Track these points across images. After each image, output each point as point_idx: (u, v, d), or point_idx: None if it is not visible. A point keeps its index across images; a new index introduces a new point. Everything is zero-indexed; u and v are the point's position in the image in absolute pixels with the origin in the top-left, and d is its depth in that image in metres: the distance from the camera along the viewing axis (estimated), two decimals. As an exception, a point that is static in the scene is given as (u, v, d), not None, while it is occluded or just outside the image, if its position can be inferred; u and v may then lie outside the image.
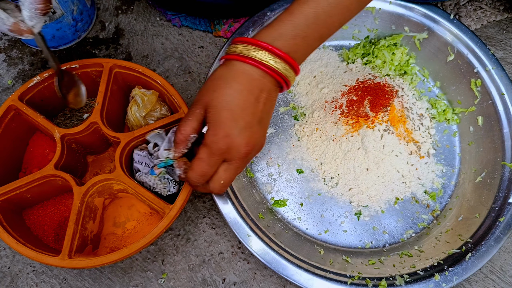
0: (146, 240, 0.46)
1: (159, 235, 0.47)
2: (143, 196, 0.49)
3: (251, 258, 0.55)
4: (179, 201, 0.48)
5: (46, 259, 0.45)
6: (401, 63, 0.61)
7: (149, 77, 0.53)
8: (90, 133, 0.53)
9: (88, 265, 0.45)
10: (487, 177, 0.55)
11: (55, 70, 0.50)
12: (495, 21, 0.69)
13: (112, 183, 0.51)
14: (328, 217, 0.56)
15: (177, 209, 0.47)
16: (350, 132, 0.56)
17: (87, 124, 0.51)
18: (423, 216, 0.57)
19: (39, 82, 0.52)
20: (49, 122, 0.52)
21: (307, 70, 0.62)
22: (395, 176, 0.57)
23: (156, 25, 0.67)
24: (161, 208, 0.48)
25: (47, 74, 0.52)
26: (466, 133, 0.59)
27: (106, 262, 0.45)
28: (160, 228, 0.47)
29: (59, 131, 0.51)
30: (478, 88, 0.57)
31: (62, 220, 0.53)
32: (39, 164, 0.56)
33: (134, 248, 0.46)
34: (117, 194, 0.54)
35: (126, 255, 0.46)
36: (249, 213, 0.51)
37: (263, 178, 0.58)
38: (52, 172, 0.49)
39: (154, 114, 0.54)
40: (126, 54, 0.65)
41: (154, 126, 0.51)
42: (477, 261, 0.49)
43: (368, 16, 0.60)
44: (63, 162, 0.51)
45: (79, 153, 0.56)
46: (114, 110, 0.56)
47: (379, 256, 0.53)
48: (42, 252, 0.46)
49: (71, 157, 0.53)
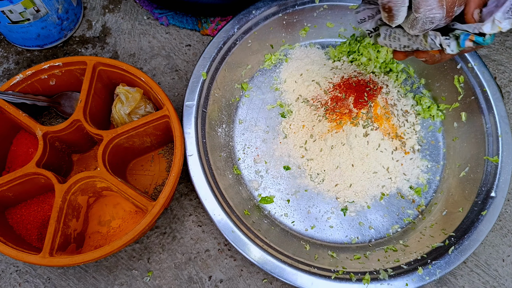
0: (128, 237, 0.46)
1: (142, 232, 0.47)
2: (125, 193, 0.49)
3: (237, 255, 0.55)
4: (162, 198, 0.48)
5: (27, 258, 0.45)
6: (386, 60, 0.62)
7: (133, 74, 0.53)
8: (73, 131, 0.52)
9: (69, 263, 0.45)
10: (471, 171, 0.55)
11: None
12: (478, 20, 0.70)
13: (95, 181, 0.50)
14: (314, 213, 0.57)
15: (160, 205, 0.47)
16: (334, 129, 0.57)
17: (70, 122, 0.51)
18: (409, 211, 0.57)
19: (22, 80, 0.52)
20: (31, 120, 0.51)
21: (294, 68, 0.63)
22: (380, 171, 0.57)
23: (143, 24, 0.67)
24: (143, 205, 0.48)
25: (30, 72, 0.52)
26: (451, 128, 0.60)
27: (88, 260, 0.45)
28: (143, 225, 0.46)
29: (41, 128, 0.51)
30: (461, 84, 0.58)
31: (45, 219, 0.53)
32: (23, 163, 0.55)
33: (116, 245, 0.45)
34: (102, 193, 0.54)
35: (108, 252, 0.45)
36: (235, 210, 0.51)
37: (250, 175, 0.58)
38: (33, 170, 0.49)
39: (139, 111, 0.54)
40: (113, 53, 0.65)
41: (138, 123, 0.51)
42: (460, 255, 0.49)
43: (353, 14, 0.61)
44: (46, 160, 0.51)
45: (63, 151, 0.55)
46: (99, 108, 0.55)
47: (365, 251, 0.53)
48: (23, 250, 0.46)
49: (54, 155, 0.53)
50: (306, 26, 0.62)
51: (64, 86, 0.56)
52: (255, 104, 0.62)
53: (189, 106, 0.54)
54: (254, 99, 0.62)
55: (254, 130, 0.60)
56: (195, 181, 0.51)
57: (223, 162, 0.57)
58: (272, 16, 0.59)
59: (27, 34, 0.60)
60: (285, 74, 0.63)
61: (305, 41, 0.64)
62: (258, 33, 0.59)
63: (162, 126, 0.53)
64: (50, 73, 0.53)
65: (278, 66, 0.64)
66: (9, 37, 0.63)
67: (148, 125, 0.52)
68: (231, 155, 0.59)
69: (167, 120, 0.52)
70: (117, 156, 0.53)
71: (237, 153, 0.59)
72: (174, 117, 0.51)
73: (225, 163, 0.57)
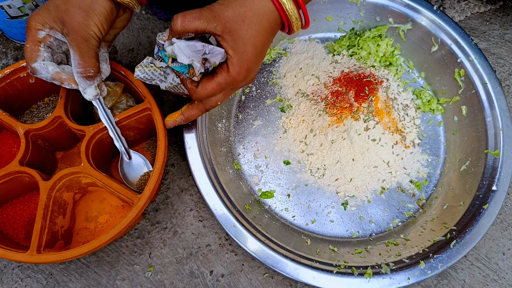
0: (115, 230, 0.45)
1: (129, 226, 0.46)
2: (110, 187, 0.49)
3: (238, 250, 0.55)
4: (147, 190, 0.47)
5: (14, 256, 0.44)
6: (386, 54, 0.62)
7: (113, 68, 0.53)
8: (55, 128, 0.52)
9: (57, 259, 0.44)
10: (471, 165, 0.55)
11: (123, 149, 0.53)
12: (478, 13, 0.69)
13: (79, 177, 0.50)
14: (315, 207, 0.57)
15: (145, 198, 0.47)
16: (335, 123, 0.56)
17: (51, 119, 0.51)
18: (409, 205, 0.57)
19: (1, 79, 0.51)
20: (12, 118, 0.51)
21: (293, 62, 0.62)
22: (381, 166, 0.57)
23: (141, 19, 0.66)
24: (129, 198, 0.48)
25: (8, 70, 0.51)
26: (451, 122, 0.60)
27: (76, 255, 0.44)
28: (129, 218, 0.46)
29: (22, 127, 0.50)
30: (461, 78, 0.58)
31: (32, 218, 0.53)
32: (7, 163, 0.54)
33: (104, 239, 0.45)
34: (87, 188, 0.54)
35: (96, 247, 0.45)
36: (236, 205, 0.51)
37: (251, 170, 0.58)
38: (17, 169, 0.48)
39: (120, 106, 0.54)
40: (112, 48, 0.65)
41: (120, 117, 0.51)
42: (462, 248, 0.49)
43: (353, 8, 0.61)
44: (29, 159, 0.50)
45: (46, 149, 0.55)
46: (80, 104, 0.55)
47: (366, 245, 0.53)
48: (10, 249, 0.45)
49: (37, 153, 0.52)
50: (306, 20, 0.62)
51: (43, 84, 0.54)
52: (254, 99, 0.62)
53: (189, 101, 0.54)
54: (253, 93, 0.62)
55: (253, 125, 0.60)
56: (196, 176, 0.51)
57: (223, 157, 0.56)
58: (272, 10, 0.58)
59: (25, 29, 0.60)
60: (285, 69, 0.62)
61: (305, 35, 0.64)
62: (257, 27, 0.59)
63: (144, 119, 0.53)
64: None
65: (278, 61, 0.63)
66: (7, 33, 0.63)
67: (130, 119, 0.52)
68: (231, 150, 0.59)
69: (149, 113, 0.52)
70: (100, 151, 0.53)
71: (237, 148, 0.59)
72: (156, 110, 0.51)
73: (225, 158, 0.57)
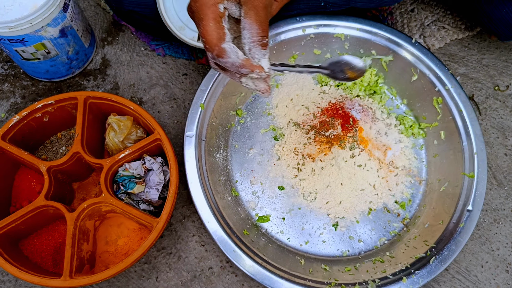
0: (139, 252, 0.51)
1: (150, 247, 0.52)
2: (130, 214, 0.54)
3: (238, 271, 0.60)
4: (164, 213, 0.53)
5: (50, 282, 0.50)
6: (370, 83, 0.66)
7: (122, 104, 0.58)
8: (73, 162, 0.57)
9: (89, 282, 0.50)
10: (450, 186, 0.60)
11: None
12: (457, 39, 0.74)
13: (100, 206, 0.55)
14: (308, 229, 0.61)
15: (163, 221, 0.52)
16: (323, 151, 0.61)
17: (70, 155, 0.55)
18: (395, 224, 0.62)
19: (19, 121, 0.56)
20: (34, 157, 0.56)
21: (285, 93, 0.67)
22: (367, 189, 0.62)
23: (141, 55, 0.71)
24: (148, 222, 0.53)
25: (25, 112, 0.56)
26: (431, 146, 0.65)
27: (105, 277, 0.50)
28: (150, 240, 0.51)
29: (44, 164, 0.55)
30: (440, 105, 0.63)
31: (57, 246, 0.57)
32: (28, 197, 0.59)
33: (129, 261, 0.50)
34: (106, 215, 0.59)
35: (122, 269, 0.50)
36: (234, 230, 0.56)
37: (247, 196, 0.63)
38: (44, 203, 0.53)
39: (131, 137, 0.59)
40: (114, 84, 0.69)
41: (133, 148, 0.56)
42: (440, 264, 0.54)
43: (338, 42, 0.65)
44: (52, 193, 0.55)
45: (65, 181, 0.59)
46: (93, 138, 0.60)
47: (355, 263, 0.58)
48: (45, 276, 0.51)
49: (58, 186, 0.57)
50: (295, 54, 0.67)
51: (56, 121, 0.60)
52: (249, 128, 0.66)
53: (189, 136, 0.58)
54: (248, 124, 0.67)
55: (249, 153, 0.65)
56: (198, 206, 0.55)
57: (222, 186, 0.61)
58: (263, 47, 0.63)
59: (37, 69, 0.64)
60: (277, 100, 0.67)
61: (294, 67, 0.69)
62: (250, 63, 0.63)
63: (154, 149, 0.59)
64: (44, 111, 0.58)
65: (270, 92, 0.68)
66: (19, 64, 0.67)
67: (142, 149, 0.57)
68: (229, 178, 0.63)
69: (159, 143, 0.57)
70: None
71: (234, 176, 0.64)
72: (166, 140, 0.56)
73: (224, 186, 0.61)
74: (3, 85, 0.69)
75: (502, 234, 0.63)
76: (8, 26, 0.52)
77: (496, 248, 0.62)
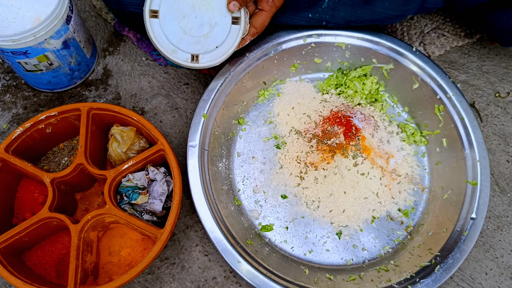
0: (143, 264, 0.51)
1: (154, 258, 0.51)
2: (134, 224, 0.54)
3: (242, 281, 0.59)
4: (168, 224, 0.52)
5: None
6: (371, 91, 0.67)
7: (125, 115, 0.58)
8: (77, 173, 0.57)
9: None
10: (453, 194, 0.60)
11: None
12: (457, 47, 0.75)
13: (104, 217, 0.55)
14: (311, 238, 0.61)
15: (167, 232, 0.52)
16: (326, 160, 0.61)
17: (74, 166, 0.55)
18: (398, 232, 0.62)
19: (22, 133, 0.56)
20: (38, 169, 0.55)
21: (286, 102, 0.67)
22: (370, 197, 0.62)
23: (142, 65, 0.71)
24: (152, 233, 0.53)
25: (29, 124, 0.56)
26: (434, 153, 0.65)
27: None
28: (155, 252, 0.51)
29: (48, 176, 0.55)
30: (441, 113, 0.63)
31: (61, 257, 0.57)
32: (30, 208, 0.59)
33: (133, 272, 0.50)
34: (109, 226, 0.59)
35: (127, 280, 0.50)
36: (238, 240, 0.56)
37: (250, 205, 0.63)
38: (48, 215, 0.53)
39: (134, 147, 0.59)
40: (115, 94, 0.69)
41: (137, 159, 0.56)
42: (445, 273, 0.54)
43: (339, 51, 0.66)
44: (56, 204, 0.55)
45: (68, 192, 0.59)
46: (96, 149, 0.60)
47: (359, 272, 0.58)
48: None
49: (61, 197, 0.57)
50: (296, 63, 0.67)
51: (59, 132, 0.60)
52: (251, 137, 0.66)
53: (192, 146, 0.58)
54: (250, 132, 0.67)
55: (251, 162, 0.65)
56: (201, 215, 0.55)
57: (225, 195, 0.61)
58: (264, 56, 0.63)
59: (39, 80, 0.64)
60: (278, 108, 0.67)
61: (295, 76, 0.69)
62: (251, 72, 0.64)
63: (157, 159, 0.59)
64: (47, 122, 0.58)
65: (271, 101, 0.68)
66: (21, 75, 0.67)
67: (146, 160, 0.57)
68: (231, 187, 0.63)
69: (163, 153, 0.57)
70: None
71: (237, 185, 0.64)
72: (169, 150, 0.56)
73: (226, 195, 0.61)
74: (5, 96, 0.69)
75: (505, 241, 0.63)
76: (12, 39, 0.53)
77: (500, 255, 0.62)
